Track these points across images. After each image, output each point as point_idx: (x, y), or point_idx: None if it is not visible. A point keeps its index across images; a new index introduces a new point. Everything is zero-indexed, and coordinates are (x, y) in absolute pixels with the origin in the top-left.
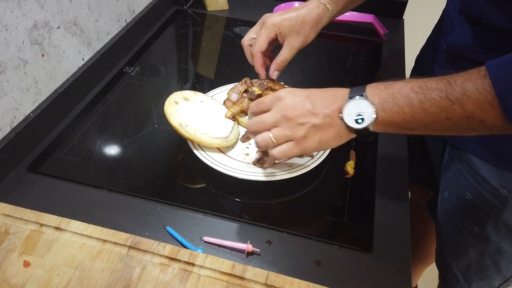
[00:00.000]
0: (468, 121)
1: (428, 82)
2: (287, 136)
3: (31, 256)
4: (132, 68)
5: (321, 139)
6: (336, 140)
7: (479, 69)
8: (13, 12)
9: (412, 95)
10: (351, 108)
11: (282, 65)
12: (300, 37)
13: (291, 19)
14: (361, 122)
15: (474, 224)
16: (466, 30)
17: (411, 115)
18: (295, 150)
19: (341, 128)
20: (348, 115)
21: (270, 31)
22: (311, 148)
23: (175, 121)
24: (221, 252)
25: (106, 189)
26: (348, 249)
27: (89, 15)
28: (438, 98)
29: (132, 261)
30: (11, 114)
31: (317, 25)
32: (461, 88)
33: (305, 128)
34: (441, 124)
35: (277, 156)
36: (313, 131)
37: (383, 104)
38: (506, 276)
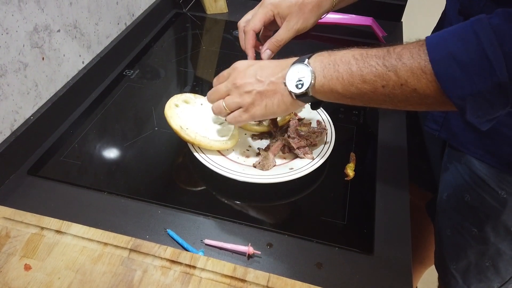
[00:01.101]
0: (402, 90)
1: (370, 50)
2: (237, 103)
3: (32, 259)
4: (132, 71)
5: (267, 105)
6: (282, 106)
7: (418, 40)
8: (13, 16)
9: (352, 62)
10: (292, 73)
11: (276, 45)
12: (299, 19)
13: (291, 0)
14: (300, 87)
15: (473, 225)
16: None
17: (349, 81)
18: (244, 116)
19: (284, 94)
20: (290, 81)
21: (267, 11)
22: (258, 114)
23: (176, 124)
24: (222, 255)
25: (107, 192)
26: (349, 251)
27: (89, 18)
28: (375, 64)
29: (133, 264)
30: (12, 117)
31: (318, 9)
32: (397, 55)
33: (251, 95)
34: (377, 92)
35: (229, 121)
36: (259, 97)
37: (324, 70)
38: (505, 279)
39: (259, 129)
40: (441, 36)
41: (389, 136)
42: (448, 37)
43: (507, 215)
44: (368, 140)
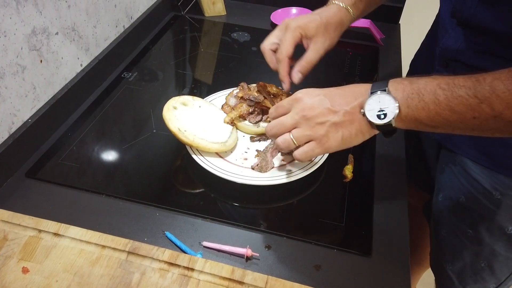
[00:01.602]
0: (495, 121)
1: (456, 79)
2: (307, 136)
3: (30, 262)
4: (130, 74)
5: (343, 137)
6: (359, 136)
7: (509, 69)
8: (11, 19)
9: (439, 92)
10: (372, 103)
11: (307, 67)
12: (326, 39)
13: (315, 21)
14: (383, 117)
15: (468, 226)
16: (458, 34)
17: (436, 112)
18: (318, 150)
19: (362, 124)
20: (370, 111)
21: (296, 34)
22: (333, 147)
23: (174, 126)
24: (221, 257)
25: (105, 195)
26: (347, 253)
27: (87, 21)
28: (465, 95)
29: (131, 266)
30: (10, 120)
31: (341, 27)
32: (490, 87)
33: (325, 126)
34: (467, 123)
35: (299, 158)
36: (334, 129)
37: (407, 100)
38: (501, 279)
39: (258, 131)
40: None
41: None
42: None
43: (501, 215)
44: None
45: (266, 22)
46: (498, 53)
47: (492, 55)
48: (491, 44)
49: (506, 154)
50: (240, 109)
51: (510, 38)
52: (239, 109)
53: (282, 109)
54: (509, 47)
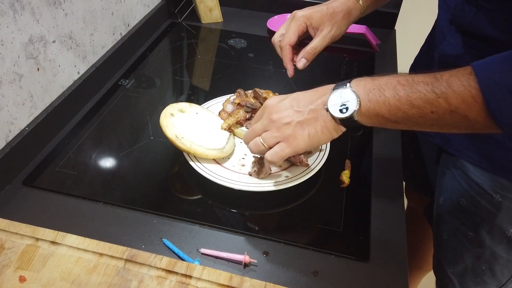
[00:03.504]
0: (452, 115)
1: (415, 76)
2: (275, 137)
3: (27, 271)
4: (128, 81)
5: (310, 134)
6: (325, 133)
7: (464, 68)
8: (8, 27)
9: (399, 87)
10: (335, 98)
11: (311, 53)
12: (333, 26)
13: (321, 10)
14: (345, 111)
15: (469, 229)
16: (457, 40)
17: (396, 106)
18: (287, 150)
19: (327, 120)
20: (333, 106)
21: (300, 23)
22: (302, 145)
23: (171, 133)
24: (218, 264)
25: (102, 202)
26: (345, 259)
27: (84, 29)
28: (424, 91)
29: (129, 274)
30: (7, 128)
31: (349, 17)
32: (447, 83)
33: (291, 126)
34: (425, 117)
35: (271, 159)
36: (300, 127)
37: (368, 94)
38: (502, 282)
39: None
40: (487, 64)
41: (384, 143)
42: (495, 65)
43: (502, 218)
44: (363, 147)
45: (262, 29)
46: None
47: None
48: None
49: (506, 157)
50: (237, 116)
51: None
52: (236, 115)
53: (256, 119)
54: None
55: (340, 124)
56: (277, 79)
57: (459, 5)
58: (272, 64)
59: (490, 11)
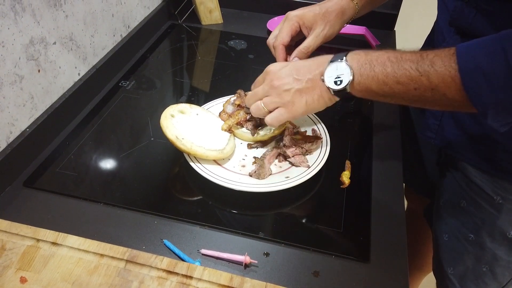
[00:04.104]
0: (432, 93)
1: (404, 54)
2: (275, 102)
3: (28, 272)
4: (128, 82)
5: (307, 102)
6: (321, 101)
7: (449, 48)
8: (9, 29)
9: (388, 64)
10: (331, 70)
11: (304, 52)
12: (326, 25)
13: (314, 10)
14: (339, 83)
15: (469, 231)
16: (456, 41)
17: (384, 82)
18: (286, 115)
19: (323, 90)
20: (328, 77)
21: (293, 23)
22: (299, 112)
23: (171, 134)
24: (219, 265)
25: (103, 203)
26: (345, 259)
27: (84, 30)
28: (409, 68)
29: (130, 275)
30: (7, 129)
31: (342, 16)
32: (430, 62)
33: (290, 93)
34: (409, 93)
35: (270, 122)
36: (299, 95)
37: (361, 69)
38: (502, 283)
39: (255, 138)
40: (470, 47)
41: (383, 143)
42: (477, 49)
43: (503, 220)
44: (363, 148)
45: (262, 30)
46: None
47: None
48: None
49: (507, 159)
50: (237, 117)
51: None
52: (237, 116)
53: (257, 83)
54: None
55: (334, 95)
56: None
57: (459, 7)
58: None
59: (490, 13)
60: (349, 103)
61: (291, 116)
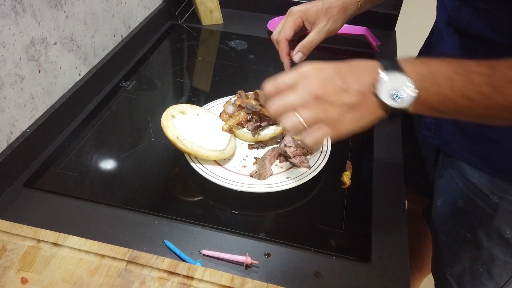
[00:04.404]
0: (507, 110)
1: (469, 64)
2: (318, 118)
3: (29, 272)
4: (128, 83)
5: (357, 119)
6: (370, 118)
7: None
8: (10, 29)
9: (455, 77)
10: (387, 82)
11: (308, 47)
12: (328, 20)
13: (317, 5)
14: (399, 100)
15: (466, 230)
16: (454, 41)
17: (450, 98)
18: (330, 134)
19: (375, 105)
20: (384, 92)
21: (296, 18)
22: (347, 130)
23: (172, 135)
24: (220, 265)
25: (103, 204)
26: (346, 260)
27: (85, 31)
28: (480, 83)
29: (131, 275)
30: (8, 130)
31: (345, 12)
32: (503, 75)
33: (338, 108)
34: (478, 110)
35: (310, 144)
36: (348, 110)
37: (421, 81)
38: (500, 284)
39: (256, 138)
40: None
41: (384, 144)
42: None
43: (499, 220)
44: (364, 148)
45: (263, 30)
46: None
47: None
48: (487, 50)
49: (503, 158)
50: (238, 117)
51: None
52: (237, 116)
53: (284, 86)
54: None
55: (385, 111)
56: None
57: (456, 6)
58: (272, 66)
59: (487, 12)
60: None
61: (336, 136)
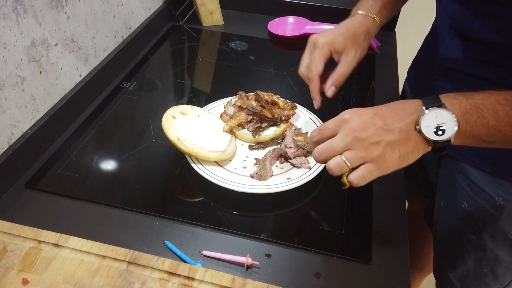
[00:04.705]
0: None
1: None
2: (362, 157)
3: (30, 273)
4: (129, 84)
5: (401, 155)
6: (415, 154)
7: None
8: (11, 31)
9: (498, 107)
10: (429, 119)
11: (340, 80)
12: (357, 49)
13: (343, 34)
14: (441, 134)
15: (471, 232)
16: (456, 44)
17: (496, 128)
18: (375, 172)
19: (418, 141)
20: (427, 127)
21: (325, 51)
22: (391, 167)
23: (173, 135)
24: (221, 266)
25: (104, 205)
26: (347, 260)
27: (86, 32)
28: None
29: (132, 276)
30: (9, 131)
31: (369, 36)
32: None
33: (380, 146)
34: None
35: (356, 183)
36: (390, 148)
37: (466, 115)
38: (504, 284)
39: (256, 139)
40: None
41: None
42: None
43: (505, 221)
44: None
45: (263, 31)
46: (497, 63)
47: (491, 64)
48: (490, 54)
49: (508, 160)
50: (238, 118)
51: (509, 49)
52: (238, 117)
53: (327, 132)
54: (508, 57)
55: (430, 145)
56: (278, 81)
57: (458, 10)
58: (273, 67)
59: (490, 16)
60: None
61: (381, 173)
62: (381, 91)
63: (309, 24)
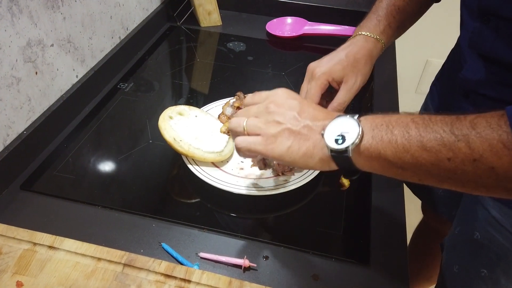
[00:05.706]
0: (474, 166)
1: (434, 116)
2: (258, 128)
3: (24, 276)
4: (126, 84)
5: (291, 148)
6: (307, 158)
7: (496, 111)
8: (6, 31)
9: (411, 125)
10: (335, 125)
11: (339, 109)
12: (357, 76)
13: (341, 62)
14: (341, 142)
15: (482, 265)
16: (478, 65)
17: (404, 147)
18: (259, 147)
19: (317, 145)
20: (329, 132)
21: (322, 81)
22: (275, 152)
23: (169, 136)
24: (218, 268)
25: (100, 206)
26: (345, 262)
27: (82, 32)
28: (441, 130)
29: (127, 279)
30: (4, 132)
31: (371, 60)
32: (470, 123)
33: (279, 127)
34: (440, 166)
35: (237, 145)
36: (287, 135)
37: (374, 130)
38: None
39: None
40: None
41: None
42: None
43: None
44: None
45: (261, 32)
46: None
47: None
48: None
49: None
50: None
51: None
52: None
53: (258, 98)
54: None
55: (331, 157)
56: (276, 82)
57: (477, 28)
58: (271, 67)
59: (510, 37)
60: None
61: (263, 151)
62: (380, 91)
63: (307, 24)
